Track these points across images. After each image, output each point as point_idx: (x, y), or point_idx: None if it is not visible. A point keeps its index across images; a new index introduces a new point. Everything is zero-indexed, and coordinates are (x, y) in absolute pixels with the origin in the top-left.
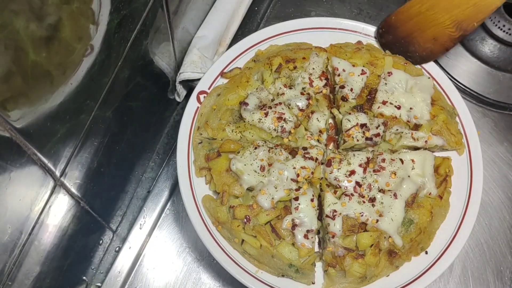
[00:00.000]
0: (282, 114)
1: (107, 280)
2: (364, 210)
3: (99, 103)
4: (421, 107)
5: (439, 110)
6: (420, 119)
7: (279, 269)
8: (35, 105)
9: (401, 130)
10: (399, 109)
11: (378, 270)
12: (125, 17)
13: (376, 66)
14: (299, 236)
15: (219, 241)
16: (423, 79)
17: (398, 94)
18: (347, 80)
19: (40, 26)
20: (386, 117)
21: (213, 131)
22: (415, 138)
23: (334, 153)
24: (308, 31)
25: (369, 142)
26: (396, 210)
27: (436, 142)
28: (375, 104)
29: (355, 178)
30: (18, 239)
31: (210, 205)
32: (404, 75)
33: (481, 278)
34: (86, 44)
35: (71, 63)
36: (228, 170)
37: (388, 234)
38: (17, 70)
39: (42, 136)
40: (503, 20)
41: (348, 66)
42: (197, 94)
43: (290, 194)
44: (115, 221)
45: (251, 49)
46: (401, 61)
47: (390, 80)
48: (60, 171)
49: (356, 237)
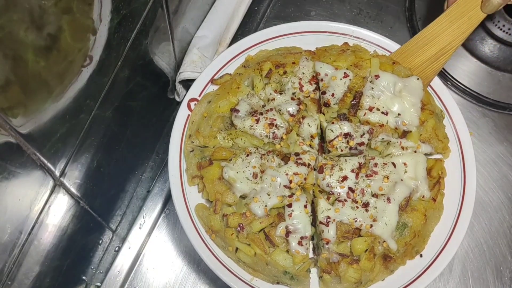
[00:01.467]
0: (274, 120)
1: (106, 280)
2: (357, 215)
3: (99, 103)
4: (410, 113)
5: (428, 115)
6: (409, 126)
7: (274, 277)
8: (32, 115)
9: (388, 138)
10: (386, 115)
11: (373, 275)
12: (125, 17)
13: (361, 68)
14: (293, 243)
15: (213, 250)
16: (412, 81)
17: (386, 98)
18: (330, 84)
19: (39, 35)
20: (372, 124)
21: (205, 139)
22: (404, 148)
23: (326, 159)
24: (298, 35)
25: (353, 151)
26: (389, 215)
27: (424, 150)
28: (361, 111)
29: (348, 183)
30: (18, 238)
31: (203, 213)
32: (392, 77)
33: (481, 278)
34: (85, 54)
35: (70, 73)
36: (221, 178)
37: (383, 238)
38: (15, 79)
39: (42, 135)
40: (503, 20)
41: (330, 70)
42: (188, 101)
43: (283, 201)
44: (115, 220)
45: (241, 54)
46: (389, 61)
47: (377, 84)
48: (60, 170)
49: (350, 242)
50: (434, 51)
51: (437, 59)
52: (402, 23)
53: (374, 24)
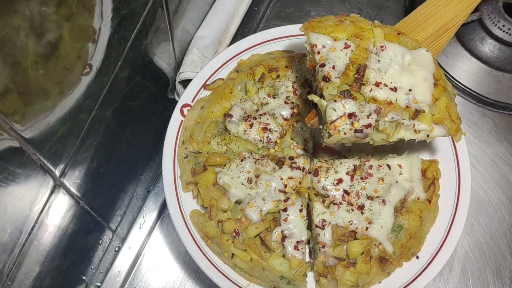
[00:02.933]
0: (267, 124)
1: (106, 280)
2: (353, 218)
3: (99, 103)
4: (422, 88)
5: (441, 92)
6: (421, 104)
7: (271, 282)
8: (30, 122)
9: (397, 118)
10: (395, 91)
11: (370, 278)
12: (125, 16)
13: (362, 39)
14: (289, 247)
15: (209, 256)
16: (422, 53)
17: (394, 72)
18: (328, 57)
19: (39, 43)
20: (380, 103)
21: (198, 145)
22: (417, 131)
23: (321, 162)
24: (290, 39)
25: (358, 135)
26: (385, 217)
27: (438, 133)
28: (366, 86)
29: (343, 186)
30: (18, 238)
31: (199, 220)
32: (400, 48)
33: (480, 278)
34: (84, 63)
35: (69, 81)
36: (215, 184)
37: (379, 241)
38: (14, 87)
39: (42, 136)
40: (503, 20)
41: (328, 41)
42: (181, 107)
43: (279, 206)
44: (115, 221)
45: (233, 59)
46: (393, 32)
47: (383, 56)
48: (60, 171)
49: (346, 245)
50: (435, 28)
51: (438, 36)
52: None
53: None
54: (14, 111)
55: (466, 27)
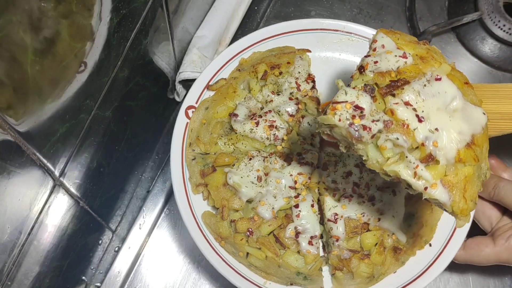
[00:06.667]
0: (273, 121)
1: (106, 280)
2: (364, 210)
3: (99, 103)
4: (451, 137)
5: (470, 159)
6: (439, 151)
7: (287, 278)
8: (24, 118)
9: (402, 143)
10: (419, 121)
11: (385, 268)
12: (124, 16)
13: (426, 62)
14: (303, 243)
15: (224, 257)
16: (476, 110)
17: (432, 105)
18: (380, 54)
19: (36, 38)
20: (395, 119)
21: (206, 146)
22: (418, 176)
23: (329, 156)
24: (290, 35)
25: (352, 131)
26: (396, 207)
27: (439, 195)
28: (393, 98)
29: (352, 178)
30: (18, 238)
31: (211, 221)
32: (456, 90)
33: (481, 278)
34: (80, 60)
35: (63, 79)
36: (225, 184)
37: (391, 231)
38: (9, 82)
39: (41, 135)
40: (503, 20)
41: (391, 45)
42: (185, 109)
43: (290, 202)
44: (115, 221)
45: (235, 58)
46: (461, 77)
47: (433, 85)
48: (60, 170)
49: (359, 238)
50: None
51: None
52: (402, 23)
53: (374, 23)
54: (8, 106)
55: (467, 26)
